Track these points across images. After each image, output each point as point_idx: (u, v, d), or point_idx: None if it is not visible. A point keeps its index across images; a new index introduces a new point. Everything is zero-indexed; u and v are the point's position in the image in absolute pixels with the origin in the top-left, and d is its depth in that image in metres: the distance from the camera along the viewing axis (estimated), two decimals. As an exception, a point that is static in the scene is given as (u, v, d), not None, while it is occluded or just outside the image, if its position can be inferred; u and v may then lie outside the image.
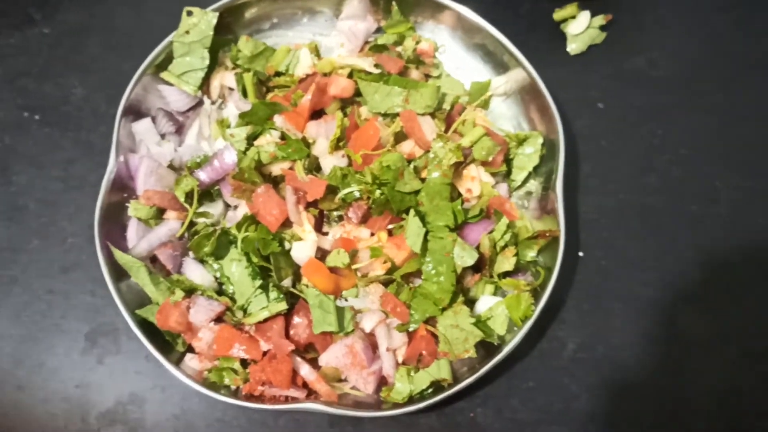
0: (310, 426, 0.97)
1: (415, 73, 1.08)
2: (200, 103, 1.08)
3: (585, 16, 1.16)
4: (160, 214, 0.99)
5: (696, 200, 1.09)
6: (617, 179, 1.10)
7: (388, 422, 0.98)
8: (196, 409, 0.97)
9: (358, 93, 1.03)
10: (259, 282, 0.92)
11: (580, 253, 1.06)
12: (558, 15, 1.17)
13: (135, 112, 1.03)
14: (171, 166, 1.02)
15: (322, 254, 0.98)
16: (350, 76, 1.04)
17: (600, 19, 1.16)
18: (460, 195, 1.01)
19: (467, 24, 1.08)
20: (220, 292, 0.96)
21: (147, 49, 1.02)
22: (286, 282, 0.96)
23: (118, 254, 0.93)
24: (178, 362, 0.92)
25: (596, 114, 1.13)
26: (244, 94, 1.05)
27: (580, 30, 1.16)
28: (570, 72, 1.16)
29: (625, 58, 1.17)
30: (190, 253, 0.97)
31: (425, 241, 0.94)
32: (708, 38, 1.18)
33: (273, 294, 0.93)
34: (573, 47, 1.17)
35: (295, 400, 0.90)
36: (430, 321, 0.95)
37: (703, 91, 1.14)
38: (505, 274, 0.99)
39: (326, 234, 1.01)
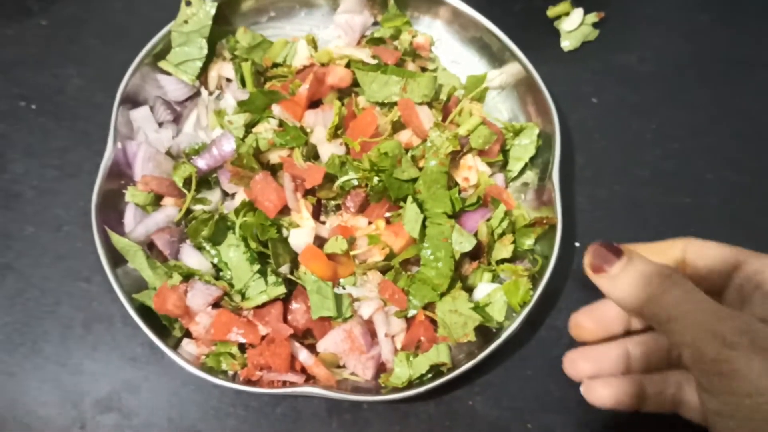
0: (307, 413, 0.96)
1: (411, 66, 1.09)
2: (198, 93, 1.08)
3: (578, 13, 1.18)
4: (157, 200, 0.99)
5: (688, 193, 1.10)
6: (611, 172, 1.11)
7: (387, 410, 0.97)
8: (192, 397, 0.96)
9: (355, 83, 1.03)
10: (257, 267, 0.92)
11: (576, 244, 1.06)
12: (552, 12, 1.19)
13: (132, 101, 1.03)
14: (169, 154, 1.02)
15: (320, 243, 0.97)
16: (347, 66, 1.05)
17: (593, 17, 1.18)
18: (457, 184, 1.02)
19: (463, 18, 1.09)
20: (218, 278, 0.95)
21: (143, 42, 1.03)
22: (284, 269, 0.95)
23: (115, 238, 0.92)
24: (175, 347, 0.91)
25: (590, 108, 1.15)
26: (243, 83, 1.06)
27: (574, 27, 1.18)
28: (563, 68, 1.17)
29: (616, 54, 1.18)
30: (188, 240, 0.97)
31: (423, 227, 0.94)
32: (694, 36, 1.20)
33: (271, 278, 0.92)
34: (566, 44, 1.18)
35: (293, 384, 0.90)
36: (429, 307, 0.95)
37: (691, 86, 1.16)
38: (503, 262, 0.99)
39: (324, 223, 1.00)
